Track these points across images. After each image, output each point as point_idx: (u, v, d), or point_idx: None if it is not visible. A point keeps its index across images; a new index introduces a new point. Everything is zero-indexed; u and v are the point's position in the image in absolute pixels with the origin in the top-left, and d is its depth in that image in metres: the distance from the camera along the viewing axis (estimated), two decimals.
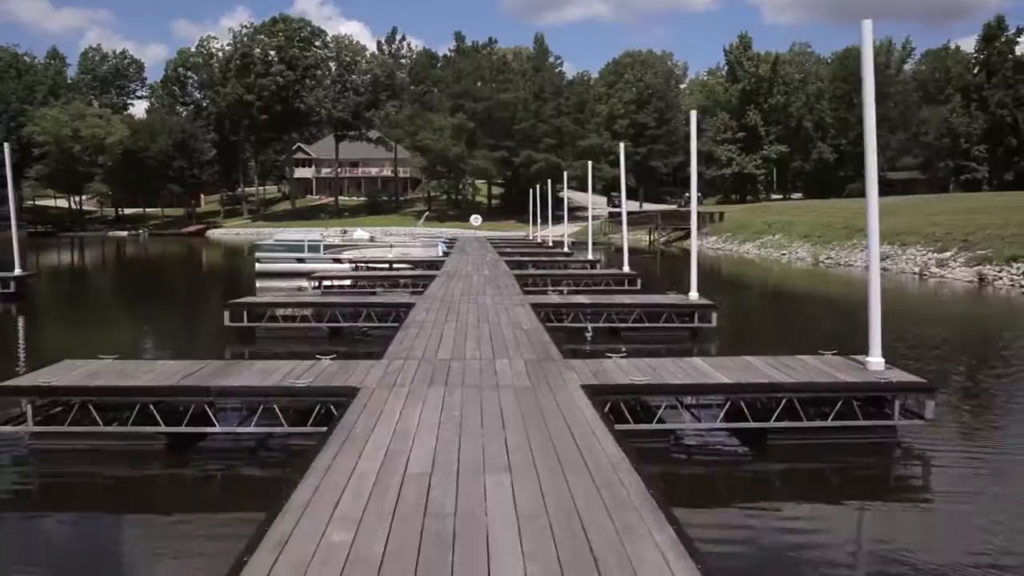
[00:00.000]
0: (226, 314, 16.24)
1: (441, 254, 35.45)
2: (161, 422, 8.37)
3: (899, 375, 9.01)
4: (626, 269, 24.98)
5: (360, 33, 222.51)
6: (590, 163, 39.45)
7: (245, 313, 16.32)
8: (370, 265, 30.07)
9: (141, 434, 8.39)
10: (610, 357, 9.97)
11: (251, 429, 8.65)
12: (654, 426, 8.68)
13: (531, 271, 27.06)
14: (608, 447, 6.29)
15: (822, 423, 8.68)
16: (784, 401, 8.59)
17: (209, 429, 8.58)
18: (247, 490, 7.78)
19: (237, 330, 16.25)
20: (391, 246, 35.55)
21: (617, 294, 20.76)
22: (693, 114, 18.17)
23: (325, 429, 7.14)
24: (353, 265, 29.73)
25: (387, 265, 30.21)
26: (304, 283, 24.41)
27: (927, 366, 12.53)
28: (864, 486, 8.06)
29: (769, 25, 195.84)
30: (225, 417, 8.96)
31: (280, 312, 16.65)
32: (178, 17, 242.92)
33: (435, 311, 14.96)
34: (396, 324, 14.00)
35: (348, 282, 24.53)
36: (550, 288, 23.13)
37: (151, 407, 8.37)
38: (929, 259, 33.05)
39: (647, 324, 16.53)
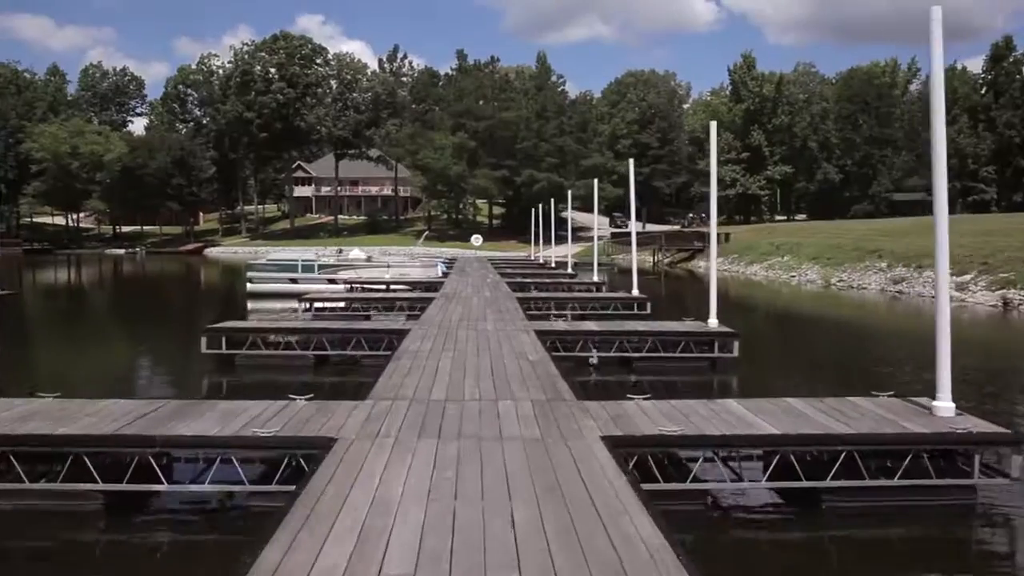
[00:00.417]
0: (203, 340, 14.89)
1: (440, 275, 34.57)
2: (98, 478, 6.94)
3: (977, 423, 7.59)
4: (635, 292, 23.62)
5: (362, 52, 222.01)
6: (595, 182, 38.13)
7: (224, 339, 14.95)
8: (366, 286, 29.14)
9: (73, 492, 6.96)
10: (632, 399, 8.59)
11: (205, 488, 7.20)
12: (688, 485, 7.26)
13: (534, 293, 26.14)
14: (643, 528, 4.92)
15: (887, 482, 7.25)
16: (843, 456, 7.17)
17: (155, 487, 7.11)
18: (198, 563, 6.38)
19: (216, 358, 14.90)
20: (388, 266, 34.90)
21: (627, 320, 19.39)
22: (713, 125, 16.98)
23: (293, 488, 5.80)
24: (348, 286, 28.88)
25: (384, 286, 29.37)
26: (297, 304, 23.38)
27: (987, 405, 11.14)
28: (940, 558, 6.70)
29: (772, 46, 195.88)
30: (178, 471, 7.48)
31: (262, 339, 15.26)
32: (180, 35, 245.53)
33: (431, 338, 13.74)
34: (388, 352, 12.85)
35: (342, 304, 23.51)
36: (553, 312, 22.21)
37: (85, 459, 6.94)
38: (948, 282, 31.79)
39: (662, 353, 15.12)
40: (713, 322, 15.78)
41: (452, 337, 13.94)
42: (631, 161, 26.04)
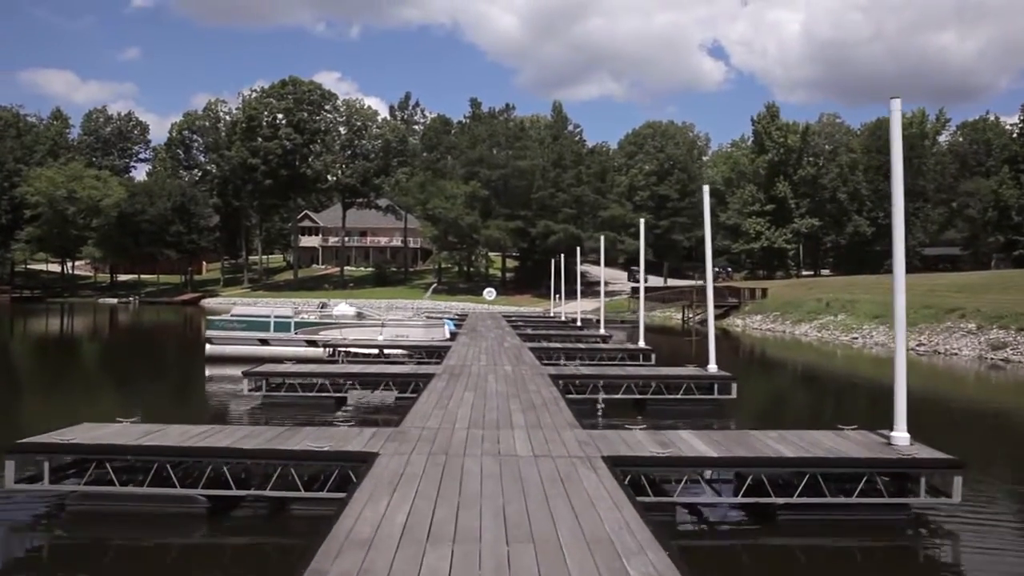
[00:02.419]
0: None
1: (447, 336, 30.60)
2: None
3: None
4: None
5: (378, 107, 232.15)
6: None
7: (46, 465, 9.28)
8: (353, 350, 26.40)
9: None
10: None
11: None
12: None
13: (571, 368, 20.34)
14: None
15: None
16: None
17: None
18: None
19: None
20: (383, 325, 29.98)
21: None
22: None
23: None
24: (329, 350, 26.24)
25: (376, 351, 26.45)
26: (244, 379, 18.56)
27: None
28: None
29: (780, 104, 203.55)
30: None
31: (117, 461, 9.39)
32: (199, 91, 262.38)
33: (417, 472, 8.31)
34: (338, 495, 8.32)
35: (300, 380, 18.09)
36: (602, 394, 17.13)
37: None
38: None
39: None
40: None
41: (455, 466, 8.63)
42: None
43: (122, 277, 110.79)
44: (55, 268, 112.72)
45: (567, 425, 11.29)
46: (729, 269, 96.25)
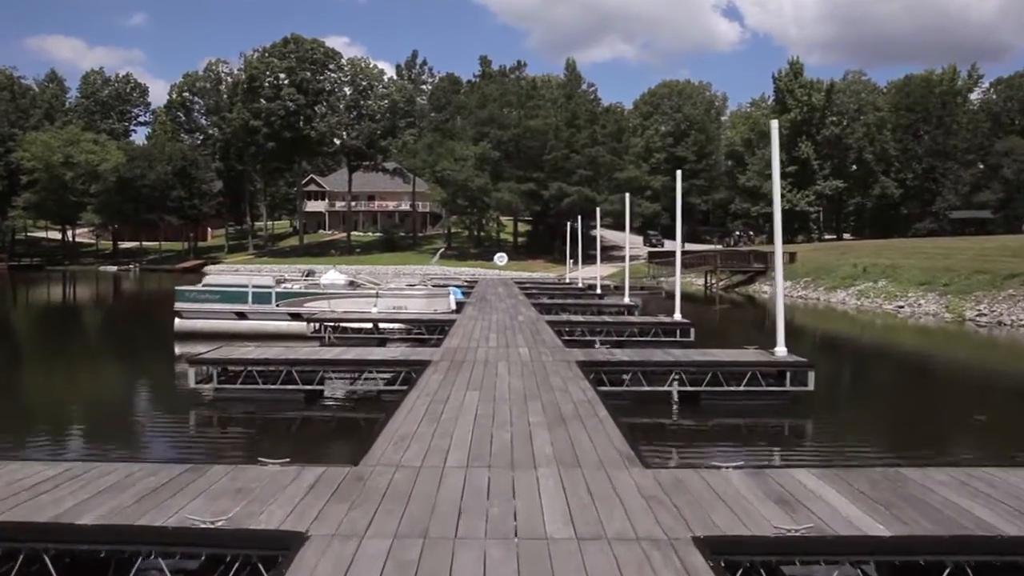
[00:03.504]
0: None
1: (452, 307, 26.24)
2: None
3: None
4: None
5: (387, 71, 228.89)
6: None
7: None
8: (342, 324, 22.68)
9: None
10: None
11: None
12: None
13: (602, 352, 15.90)
14: None
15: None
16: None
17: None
18: None
19: None
20: (377, 295, 25.25)
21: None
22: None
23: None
24: (314, 326, 22.28)
25: (370, 326, 22.70)
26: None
27: None
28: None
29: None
30: None
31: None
32: (206, 56, 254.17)
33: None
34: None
35: (278, 356, 14.40)
36: (646, 385, 13.70)
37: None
38: None
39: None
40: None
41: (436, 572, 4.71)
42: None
43: (125, 244, 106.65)
44: (56, 236, 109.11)
45: (620, 458, 7.27)
46: (751, 233, 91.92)
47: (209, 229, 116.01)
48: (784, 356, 13.95)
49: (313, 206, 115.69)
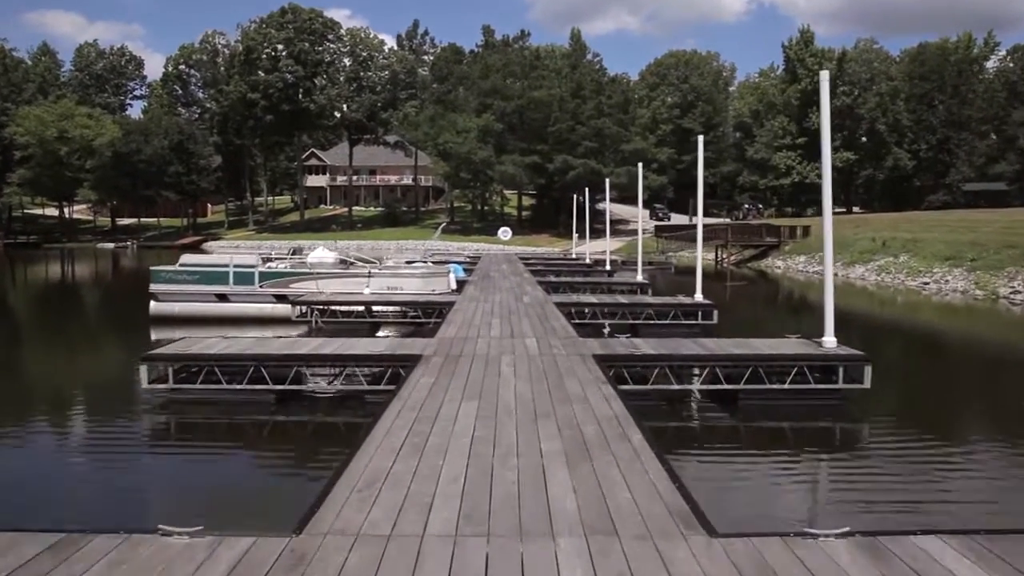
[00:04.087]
0: None
1: (452, 287, 23.80)
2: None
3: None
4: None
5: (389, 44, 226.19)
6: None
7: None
8: (331, 307, 20.54)
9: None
10: None
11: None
12: None
13: (625, 346, 12.91)
14: None
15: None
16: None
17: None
18: None
19: None
20: (369, 275, 22.78)
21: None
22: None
23: None
24: (300, 310, 20.18)
25: (362, 308, 20.65)
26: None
27: None
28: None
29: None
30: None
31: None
32: (206, 29, 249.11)
33: None
34: None
35: (243, 351, 12.34)
36: (675, 383, 11.77)
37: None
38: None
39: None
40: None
41: None
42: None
43: (123, 221, 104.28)
44: (54, 213, 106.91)
45: (669, 516, 5.15)
46: (759, 206, 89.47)
47: (209, 205, 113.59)
48: (834, 347, 11.78)
49: (314, 181, 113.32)
